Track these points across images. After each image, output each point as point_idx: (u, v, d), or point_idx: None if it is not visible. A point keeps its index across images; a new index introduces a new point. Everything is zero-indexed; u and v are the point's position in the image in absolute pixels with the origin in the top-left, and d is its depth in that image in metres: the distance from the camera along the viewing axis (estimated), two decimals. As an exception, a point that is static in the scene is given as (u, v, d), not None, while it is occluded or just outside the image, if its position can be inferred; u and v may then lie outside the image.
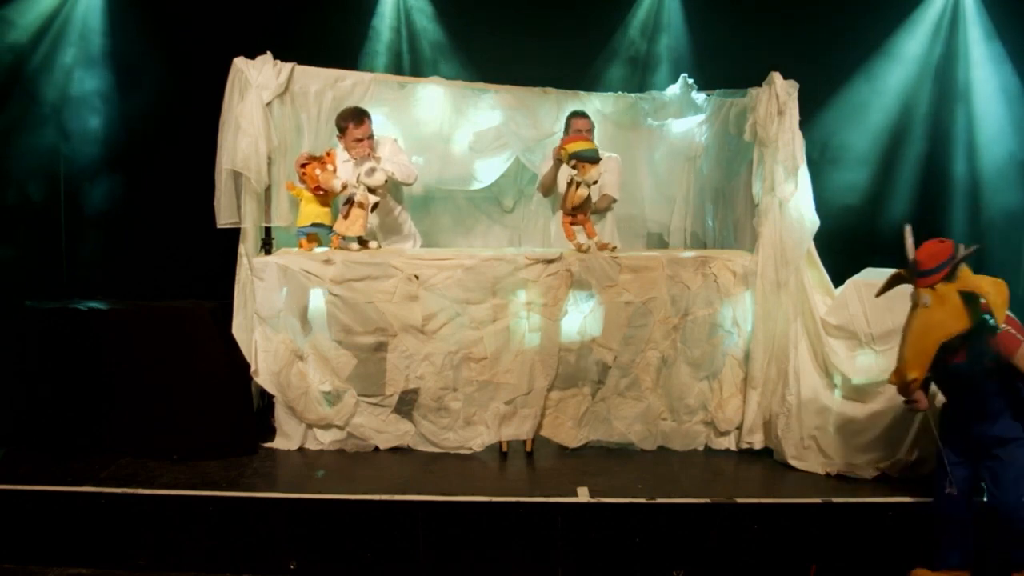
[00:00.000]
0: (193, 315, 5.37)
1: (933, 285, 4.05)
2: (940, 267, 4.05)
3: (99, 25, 7.40)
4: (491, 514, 4.59)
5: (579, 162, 5.42)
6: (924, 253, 4.11)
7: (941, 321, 4.04)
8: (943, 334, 4.04)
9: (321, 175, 5.62)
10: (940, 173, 7.63)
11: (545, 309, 5.39)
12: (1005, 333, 4.04)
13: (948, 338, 4.05)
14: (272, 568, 4.59)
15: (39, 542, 4.66)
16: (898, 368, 4.12)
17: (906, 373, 4.07)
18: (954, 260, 4.05)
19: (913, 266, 4.12)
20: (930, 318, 4.05)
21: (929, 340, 4.05)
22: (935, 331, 4.05)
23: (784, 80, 5.40)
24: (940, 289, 4.04)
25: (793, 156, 5.35)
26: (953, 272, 4.04)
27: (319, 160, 5.68)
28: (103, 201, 7.39)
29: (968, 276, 4.06)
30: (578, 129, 6.01)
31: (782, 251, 5.36)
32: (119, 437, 5.25)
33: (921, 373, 4.07)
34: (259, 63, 5.69)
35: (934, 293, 4.05)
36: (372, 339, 5.37)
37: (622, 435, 5.46)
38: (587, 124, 6.08)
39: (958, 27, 7.50)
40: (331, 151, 5.77)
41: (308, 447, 5.48)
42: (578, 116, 6.13)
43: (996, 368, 4.08)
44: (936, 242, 4.14)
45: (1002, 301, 4.00)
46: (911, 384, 4.08)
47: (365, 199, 5.59)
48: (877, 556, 4.56)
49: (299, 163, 5.72)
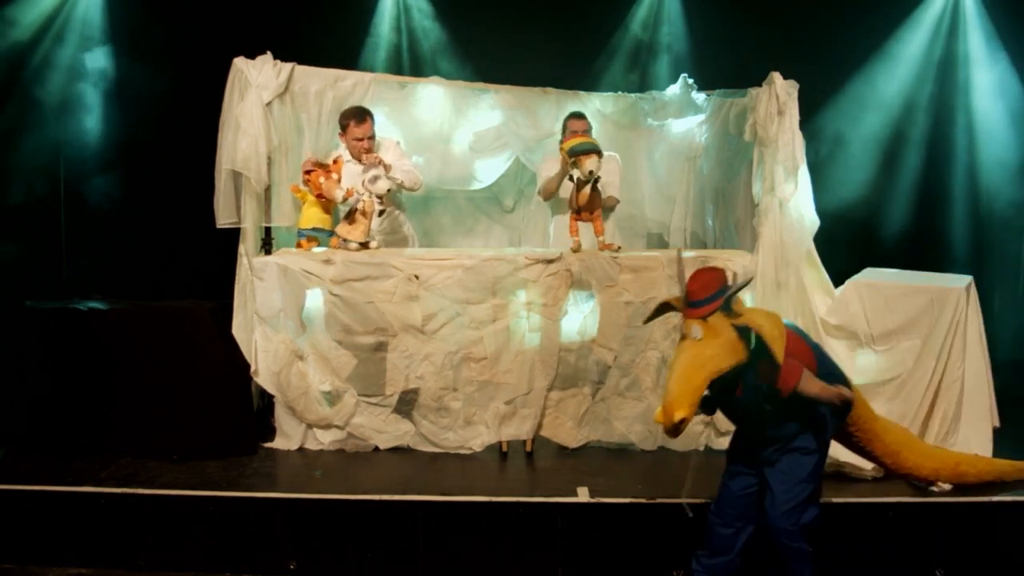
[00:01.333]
0: (193, 315, 5.37)
1: (705, 317, 3.68)
2: (712, 298, 3.69)
3: (99, 25, 7.40)
4: (491, 514, 4.59)
5: (577, 156, 5.40)
6: (696, 283, 3.75)
7: (713, 355, 3.65)
8: (715, 369, 3.65)
9: (325, 184, 5.60)
10: (940, 173, 7.63)
11: (545, 309, 5.39)
12: (785, 365, 3.69)
13: (720, 373, 3.66)
14: (272, 568, 4.59)
15: (39, 542, 4.66)
16: (664, 407, 3.61)
17: (673, 412, 3.56)
18: (727, 291, 3.71)
19: (684, 296, 3.77)
20: (701, 351, 3.66)
21: (700, 375, 3.63)
22: (706, 366, 3.64)
23: (784, 80, 5.40)
24: (712, 321, 3.67)
25: (793, 156, 5.35)
26: (727, 304, 3.70)
27: (324, 168, 5.66)
28: (103, 201, 7.38)
29: (741, 308, 3.76)
30: (574, 131, 5.99)
31: (782, 251, 5.36)
32: (119, 437, 5.25)
33: (690, 412, 3.58)
34: (259, 63, 5.69)
35: (706, 325, 3.67)
36: (372, 339, 5.38)
37: (622, 435, 5.46)
38: (583, 125, 6.06)
39: (958, 27, 7.50)
40: (338, 159, 5.74)
41: (308, 447, 5.48)
42: (574, 118, 6.13)
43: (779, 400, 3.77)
44: (708, 270, 3.82)
45: (778, 334, 3.68)
46: (679, 425, 3.57)
47: (370, 207, 5.59)
48: (877, 556, 4.56)
49: (304, 169, 5.70)
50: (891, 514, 4.57)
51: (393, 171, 5.72)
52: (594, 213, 5.57)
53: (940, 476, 4.63)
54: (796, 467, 3.89)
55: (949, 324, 5.08)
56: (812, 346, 4.00)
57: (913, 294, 5.17)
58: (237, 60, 5.66)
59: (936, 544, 4.56)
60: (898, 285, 5.26)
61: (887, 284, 5.28)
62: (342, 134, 5.85)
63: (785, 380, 3.73)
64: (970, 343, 5.14)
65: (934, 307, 5.11)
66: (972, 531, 4.57)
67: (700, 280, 3.76)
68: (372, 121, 5.84)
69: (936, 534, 4.56)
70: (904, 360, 5.14)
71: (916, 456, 4.51)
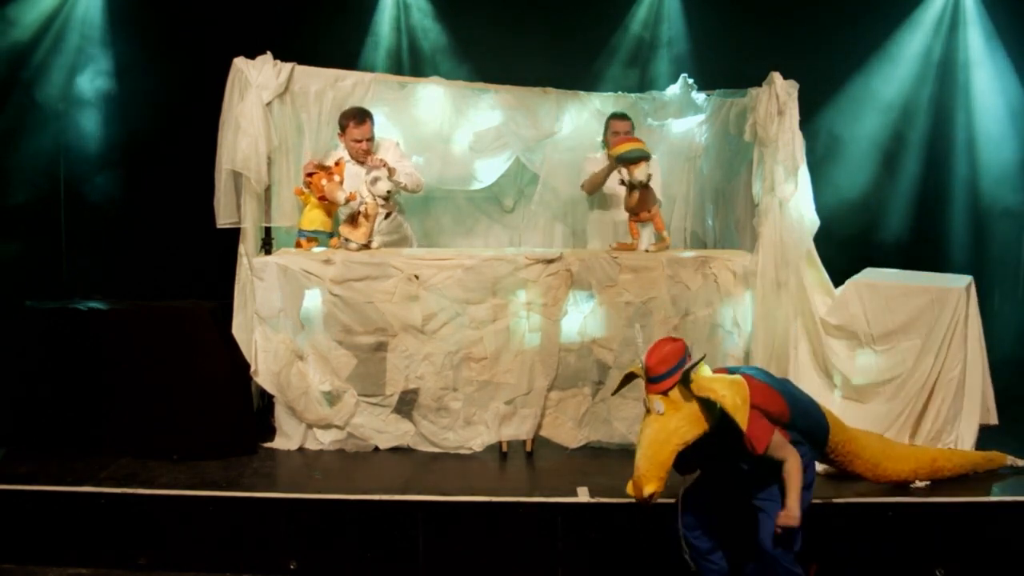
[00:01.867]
0: (193, 315, 5.37)
1: (666, 391, 3.74)
2: (670, 372, 3.74)
3: (99, 25, 7.40)
4: (491, 514, 4.59)
5: (627, 164, 5.45)
6: (653, 358, 3.78)
7: (677, 428, 3.72)
8: (680, 442, 3.72)
9: (327, 186, 5.59)
10: (940, 172, 7.63)
11: (545, 309, 5.39)
12: (753, 428, 3.73)
13: (686, 445, 3.73)
14: (272, 568, 4.58)
15: (39, 542, 4.66)
16: (633, 481, 3.74)
17: (643, 487, 3.70)
18: (684, 365, 3.75)
19: (644, 371, 3.82)
20: (665, 426, 3.73)
21: (665, 450, 3.71)
22: (671, 440, 3.72)
23: (784, 80, 5.39)
24: (673, 395, 3.74)
25: (793, 156, 5.35)
26: (686, 377, 3.74)
27: (327, 171, 5.65)
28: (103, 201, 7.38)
29: (701, 380, 3.76)
30: (616, 131, 6.03)
31: (782, 251, 5.36)
32: (119, 437, 5.25)
33: (659, 486, 3.70)
34: (259, 63, 5.69)
35: (667, 399, 3.74)
36: (372, 339, 5.38)
37: (623, 436, 5.45)
38: (625, 126, 6.09)
39: (958, 27, 7.50)
40: (340, 161, 5.74)
41: (308, 447, 5.48)
42: (617, 118, 6.15)
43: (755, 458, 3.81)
44: (667, 342, 3.85)
45: (741, 401, 3.71)
46: (649, 499, 3.71)
47: (372, 209, 5.58)
48: (878, 556, 4.56)
49: (306, 171, 5.69)
50: (891, 514, 4.56)
51: (399, 175, 5.72)
52: (651, 211, 5.63)
53: (919, 475, 4.69)
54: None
55: (949, 324, 5.08)
56: (782, 391, 3.99)
57: (913, 294, 5.17)
58: (237, 60, 5.66)
59: (936, 544, 4.56)
60: (898, 285, 5.26)
61: (887, 284, 5.28)
62: (341, 135, 5.85)
63: (755, 443, 3.76)
64: (970, 343, 5.14)
65: (934, 307, 5.11)
66: (972, 531, 4.57)
67: (657, 354, 3.79)
68: (372, 122, 5.84)
69: (936, 534, 4.56)
70: (904, 360, 5.14)
71: (894, 463, 4.58)
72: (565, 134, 6.46)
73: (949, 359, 5.09)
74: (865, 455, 4.44)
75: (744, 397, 3.75)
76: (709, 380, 3.79)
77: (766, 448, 3.78)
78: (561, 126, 6.40)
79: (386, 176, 5.60)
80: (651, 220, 5.63)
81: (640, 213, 5.62)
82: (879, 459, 4.50)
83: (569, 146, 6.48)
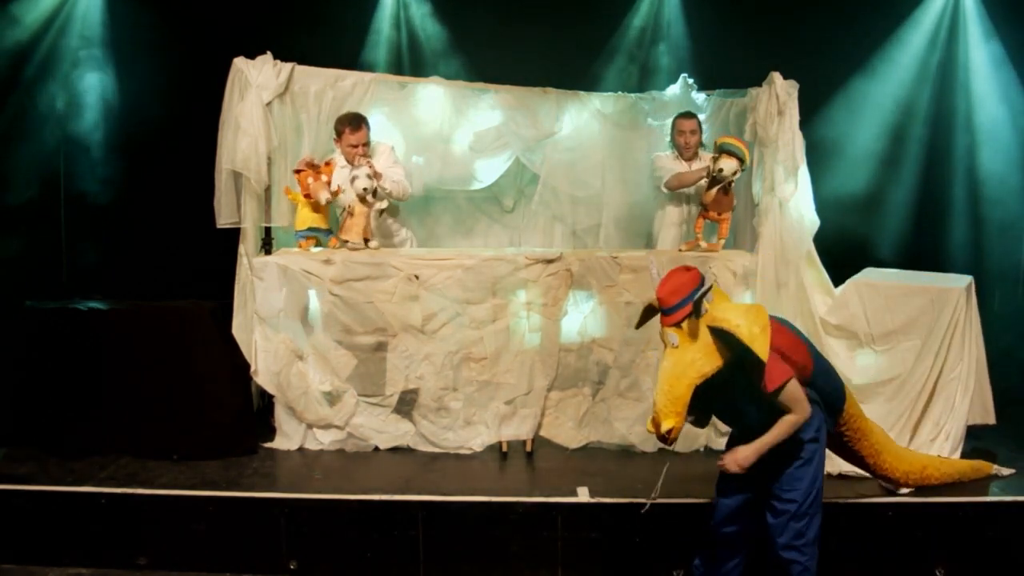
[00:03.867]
0: (193, 315, 5.38)
1: (679, 323, 3.59)
2: (682, 303, 3.58)
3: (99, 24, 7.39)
4: (491, 514, 4.60)
5: (722, 153, 5.46)
6: (665, 289, 3.63)
7: (692, 361, 3.57)
8: (696, 375, 3.56)
9: (312, 184, 5.60)
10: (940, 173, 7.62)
11: (545, 309, 5.39)
12: (770, 364, 3.57)
13: (703, 378, 3.57)
14: (272, 568, 4.59)
15: (39, 542, 4.67)
16: (653, 416, 3.60)
17: (661, 422, 3.56)
18: (697, 295, 3.59)
19: (657, 304, 3.67)
20: (681, 359, 3.57)
21: (682, 383, 3.55)
22: (688, 373, 3.56)
23: (784, 80, 5.41)
24: (688, 327, 3.58)
25: (793, 156, 5.35)
26: (697, 308, 3.58)
27: (315, 169, 5.64)
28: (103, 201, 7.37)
29: (716, 309, 3.60)
30: (682, 130, 6.02)
31: (782, 251, 5.36)
32: (119, 437, 5.25)
33: (678, 422, 3.56)
34: (259, 63, 5.69)
35: (682, 332, 3.58)
36: (372, 339, 5.38)
37: (622, 436, 5.45)
38: (691, 125, 6.05)
39: (958, 28, 7.49)
40: (331, 160, 5.74)
41: (308, 447, 5.48)
42: (684, 117, 6.11)
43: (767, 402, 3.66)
44: (680, 272, 3.67)
45: (758, 331, 3.53)
46: (668, 435, 3.56)
47: (357, 208, 5.58)
48: (877, 556, 4.56)
49: (295, 169, 5.70)
50: (891, 514, 4.57)
51: (382, 180, 5.68)
52: (721, 215, 5.68)
53: (909, 479, 4.64)
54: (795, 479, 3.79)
55: (948, 324, 5.09)
56: (805, 342, 3.91)
57: (913, 294, 5.18)
58: (237, 60, 5.66)
59: (936, 544, 4.56)
60: (898, 285, 5.26)
61: (887, 284, 5.29)
62: (337, 140, 5.83)
63: (770, 379, 3.62)
64: (969, 343, 5.14)
65: (934, 307, 5.12)
66: (972, 531, 4.57)
67: (669, 285, 3.64)
68: (367, 128, 5.83)
69: (936, 534, 4.57)
70: (904, 360, 5.14)
71: (892, 458, 4.53)
72: (565, 134, 6.45)
73: (949, 359, 5.10)
74: (872, 439, 4.35)
75: (763, 325, 3.57)
76: (723, 309, 3.62)
77: (780, 388, 3.61)
78: (561, 126, 6.39)
79: (365, 175, 5.57)
80: (718, 222, 5.70)
81: (711, 212, 5.67)
82: (881, 448, 4.43)
83: (569, 146, 6.47)
